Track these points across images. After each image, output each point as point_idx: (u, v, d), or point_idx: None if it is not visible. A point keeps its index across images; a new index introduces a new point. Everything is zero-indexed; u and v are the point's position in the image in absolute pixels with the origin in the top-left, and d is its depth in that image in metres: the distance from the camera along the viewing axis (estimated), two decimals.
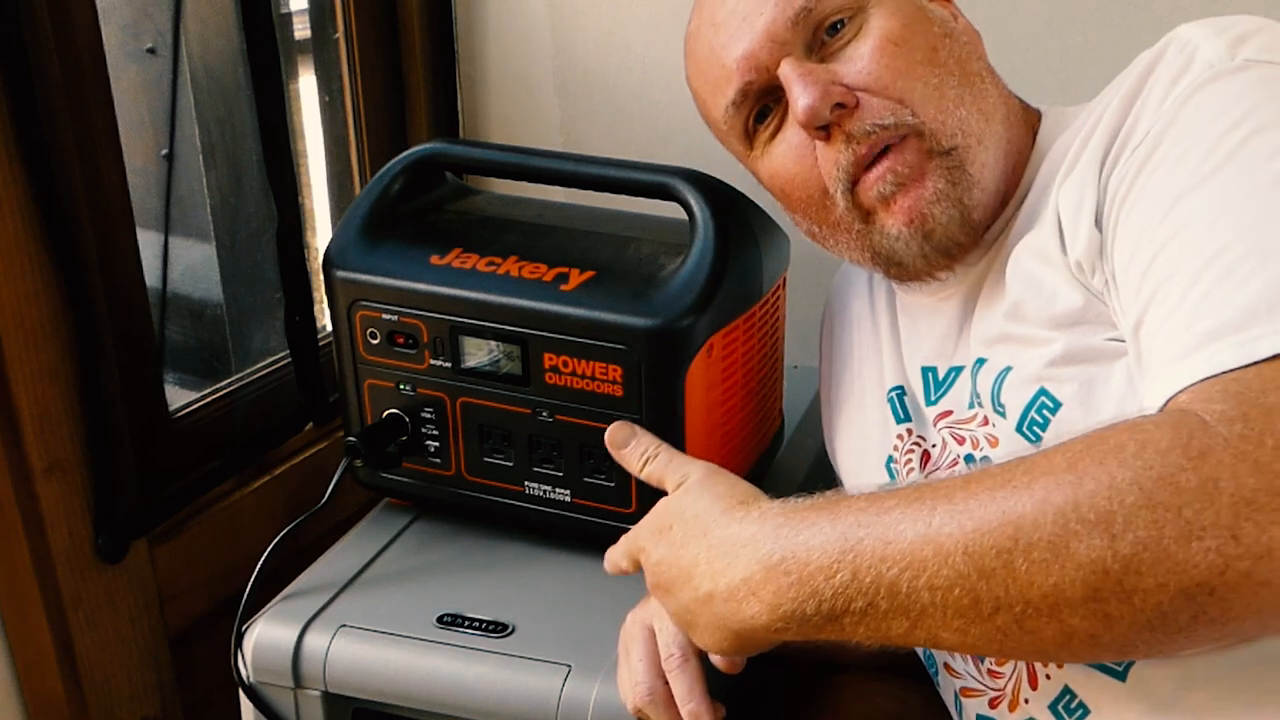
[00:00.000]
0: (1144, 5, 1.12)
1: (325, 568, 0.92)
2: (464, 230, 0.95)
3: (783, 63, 0.75)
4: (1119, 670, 0.64)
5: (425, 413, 0.92)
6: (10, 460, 0.87)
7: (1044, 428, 0.68)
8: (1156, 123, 0.64)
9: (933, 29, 0.75)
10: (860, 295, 0.92)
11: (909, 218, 0.74)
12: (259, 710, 0.85)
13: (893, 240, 0.75)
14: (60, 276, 0.89)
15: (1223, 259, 0.56)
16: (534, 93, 1.35)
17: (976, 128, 0.74)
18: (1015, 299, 0.72)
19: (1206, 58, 0.64)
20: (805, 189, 0.78)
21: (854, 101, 0.73)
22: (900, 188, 0.74)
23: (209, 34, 1.19)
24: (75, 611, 0.93)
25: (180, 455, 1.05)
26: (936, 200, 0.74)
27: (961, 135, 0.74)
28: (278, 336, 1.18)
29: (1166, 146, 0.62)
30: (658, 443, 0.78)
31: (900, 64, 0.73)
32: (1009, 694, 0.72)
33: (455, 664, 0.81)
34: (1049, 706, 0.69)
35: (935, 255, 0.76)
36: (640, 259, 0.89)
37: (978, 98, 0.75)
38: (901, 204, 0.74)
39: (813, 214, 0.79)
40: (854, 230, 0.77)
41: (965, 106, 0.74)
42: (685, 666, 0.71)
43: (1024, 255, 0.72)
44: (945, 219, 0.74)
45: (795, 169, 0.77)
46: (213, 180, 1.21)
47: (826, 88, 0.73)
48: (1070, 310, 0.68)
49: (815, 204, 0.78)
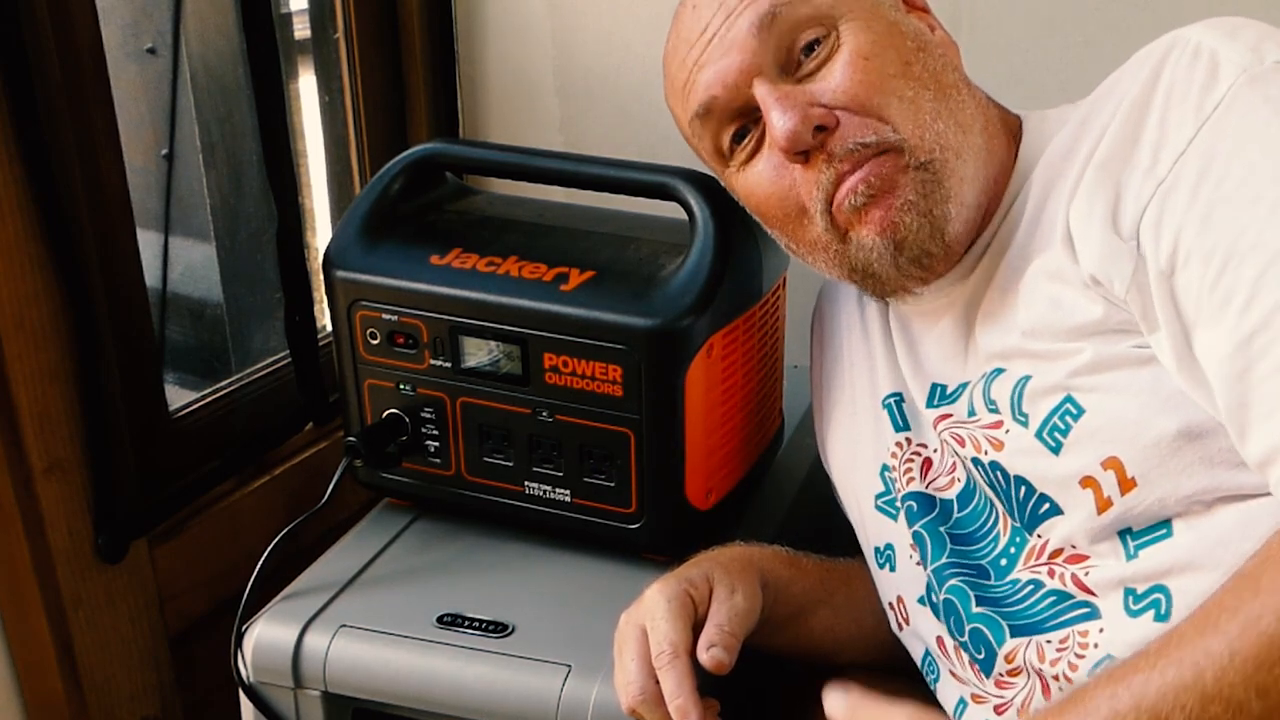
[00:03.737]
0: (1144, 4, 1.12)
1: (325, 568, 0.92)
2: (464, 230, 0.95)
3: (756, 83, 0.74)
4: None
5: (425, 413, 0.92)
6: (10, 460, 0.87)
7: (1065, 433, 0.68)
8: (1202, 131, 0.63)
9: (906, 43, 0.74)
10: (849, 299, 0.91)
11: (880, 227, 0.73)
12: (259, 710, 0.85)
13: (866, 251, 0.74)
14: (60, 276, 0.89)
15: None
16: (534, 93, 1.35)
17: (954, 141, 0.73)
18: (1034, 323, 0.71)
19: (1234, 60, 0.63)
20: (783, 208, 0.77)
21: (834, 122, 0.72)
22: (872, 199, 0.73)
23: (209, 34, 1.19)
24: (75, 611, 0.93)
25: (180, 455, 1.05)
26: (906, 210, 0.73)
27: (939, 150, 0.73)
28: (278, 336, 1.18)
29: (1225, 157, 0.62)
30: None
31: (875, 79, 0.72)
32: (1017, 705, 0.72)
33: (455, 664, 0.81)
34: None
35: (908, 266, 0.75)
36: (640, 259, 0.89)
37: (954, 110, 0.74)
38: (873, 214, 0.73)
39: (789, 232, 0.79)
40: (831, 250, 0.77)
41: (942, 120, 0.73)
42: (674, 664, 0.71)
43: (1038, 279, 0.71)
44: (915, 227, 0.73)
45: (772, 189, 0.76)
46: (213, 180, 1.21)
47: (805, 111, 0.72)
48: (1090, 321, 0.67)
49: (792, 223, 0.77)
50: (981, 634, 0.74)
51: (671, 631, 0.72)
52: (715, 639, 0.73)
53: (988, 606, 0.74)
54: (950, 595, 0.77)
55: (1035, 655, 0.70)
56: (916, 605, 0.80)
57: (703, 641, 0.73)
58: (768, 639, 0.83)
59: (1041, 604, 0.70)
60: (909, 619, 0.82)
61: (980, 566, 0.75)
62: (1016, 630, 0.72)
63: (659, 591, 0.76)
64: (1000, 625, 0.73)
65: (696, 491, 0.89)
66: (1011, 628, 0.72)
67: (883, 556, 0.84)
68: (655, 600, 0.75)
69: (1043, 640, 0.70)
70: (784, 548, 0.86)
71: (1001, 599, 0.73)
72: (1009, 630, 0.72)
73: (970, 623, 0.75)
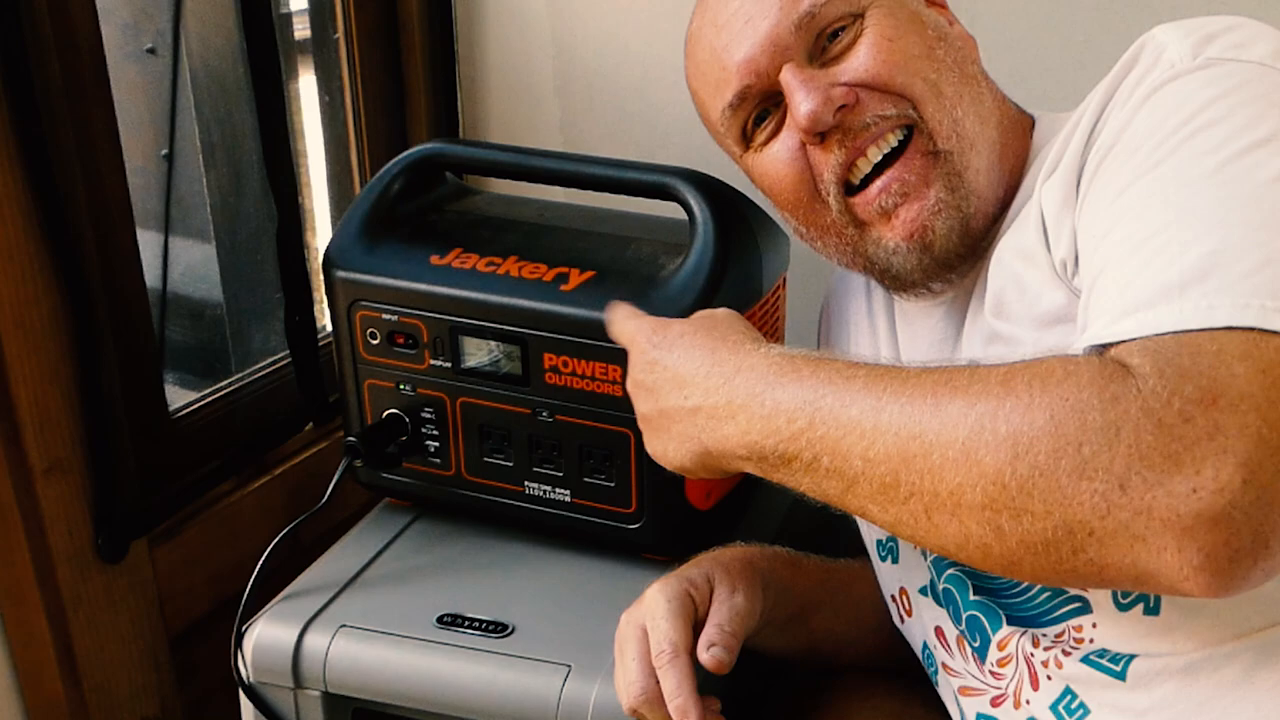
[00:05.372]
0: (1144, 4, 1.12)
1: (325, 568, 0.92)
2: (464, 230, 0.95)
3: (784, 69, 0.75)
4: (1118, 671, 0.65)
5: (425, 413, 0.92)
6: (10, 460, 0.87)
7: None
8: (1119, 124, 0.64)
9: (928, 31, 0.76)
10: (857, 295, 0.92)
11: (909, 231, 0.74)
12: (259, 710, 0.85)
13: (889, 254, 0.76)
14: (60, 277, 0.89)
15: (1150, 244, 0.57)
16: (534, 93, 1.35)
17: (971, 131, 0.74)
18: (997, 293, 0.72)
19: (1169, 59, 0.64)
20: (796, 191, 0.78)
21: (854, 99, 0.74)
22: (904, 198, 0.74)
23: (209, 34, 1.19)
24: (75, 611, 0.93)
25: (180, 455, 1.05)
26: (938, 211, 0.74)
27: (957, 138, 0.74)
28: (278, 336, 1.18)
29: (1120, 146, 0.64)
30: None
31: (898, 59, 0.74)
32: (1011, 694, 0.72)
33: (455, 664, 0.81)
34: (1050, 707, 0.69)
35: (934, 268, 0.76)
36: (640, 259, 0.89)
37: (975, 100, 0.76)
38: (904, 217, 0.74)
39: (802, 216, 0.80)
40: (845, 235, 0.78)
41: (962, 106, 0.74)
42: (675, 663, 0.72)
43: (1007, 254, 0.72)
44: (945, 230, 0.74)
45: (787, 171, 0.77)
46: (213, 180, 1.21)
47: (828, 93, 0.73)
48: (1053, 309, 0.68)
49: (805, 207, 0.78)
50: (978, 621, 0.75)
51: (672, 631, 0.73)
52: (716, 639, 0.74)
53: (985, 595, 0.74)
54: (949, 585, 0.77)
55: (1029, 643, 0.71)
56: (919, 596, 0.81)
57: (703, 641, 0.74)
58: (768, 640, 0.83)
59: (1039, 599, 0.70)
60: (911, 610, 0.82)
61: None
62: (1014, 620, 0.72)
63: (659, 591, 0.76)
64: (997, 613, 0.73)
65: (696, 491, 0.89)
66: (1009, 618, 0.72)
67: (884, 549, 0.84)
68: (656, 600, 0.75)
69: (1039, 633, 0.70)
70: (785, 549, 0.87)
71: (999, 589, 0.73)
72: (1005, 619, 0.73)
73: (967, 610, 0.75)
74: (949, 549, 0.58)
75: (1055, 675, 0.69)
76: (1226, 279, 0.53)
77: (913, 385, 0.59)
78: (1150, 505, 0.50)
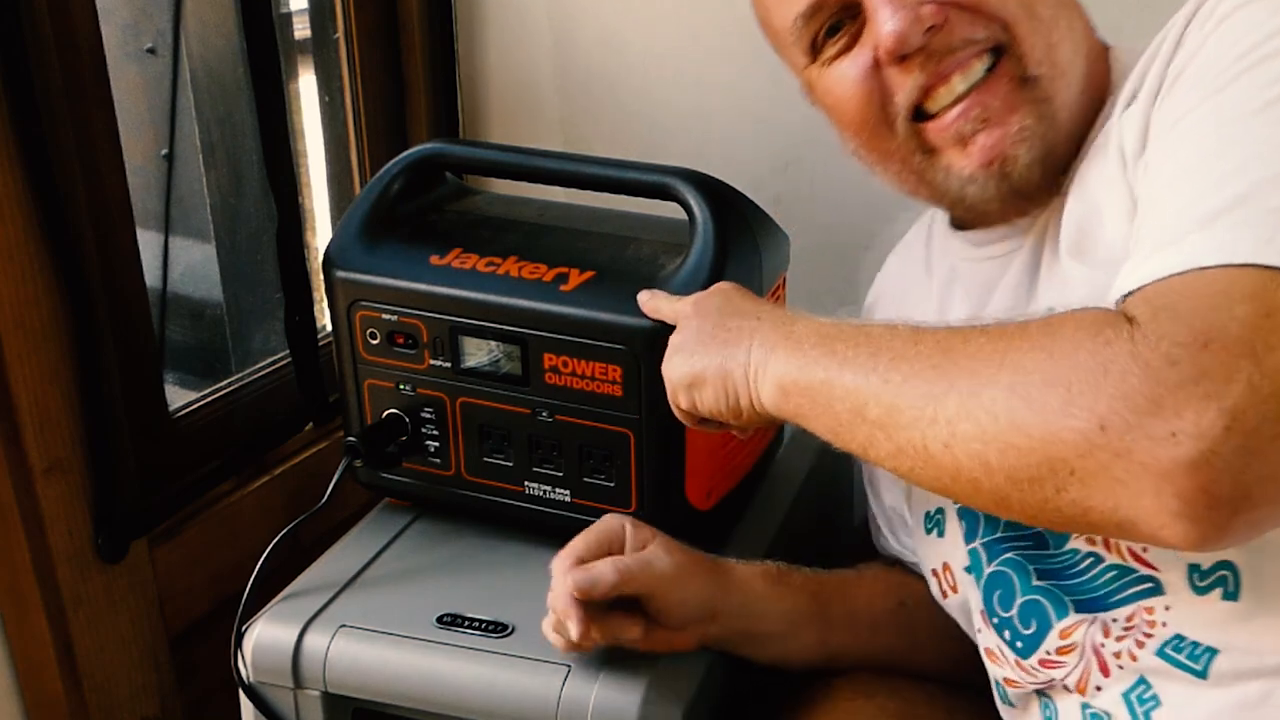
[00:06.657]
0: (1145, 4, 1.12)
1: (325, 568, 0.92)
2: (464, 230, 0.95)
3: None
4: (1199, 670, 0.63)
5: (425, 413, 0.92)
6: (10, 460, 0.87)
7: None
8: (1194, 46, 0.62)
9: None
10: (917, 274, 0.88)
11: (987, 158, 0.70)
12: (259, 710, 0.85)
13: (963, 182, 0.71)
14: (60, 277, 0.89)
15: (1188, 179, 0.57)
16: (534, 93, 1.35)
17: (1064, 60, 0.70)
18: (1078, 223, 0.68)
19: None
20: (863, 114, 0.73)
21: (944, 19, 0.68)
22: (985, 124, 0.69)
23: (209, 34, 1.19)
24: (75, 611, 0.93)
25: (180, 455, 1.05)
26: (1022, 138, 0.69)
27: (1049, 65, 0.69)
28: (278, 336, 1.18)
29: (1189, 70, 0.61)
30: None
31: None
32: (1060, 685, 0.71)
33: (455, 664, 0.81)
34: (1123, 695, 0.67)
35: (1011, 198, 0.71)
36: (640, 259, 0.89)
37: (1070, 26, 0.71)
38: (983, 143, 0.70)
39: (865, 139, 0.75)
40: (910, 162, 0.74)
41: (1058, 31, 0.70)
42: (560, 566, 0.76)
43: (1090, 182, 0.68)
44: (1028, 159, 0.69)
45: (856, 91, 0.73)
46: (213, 180, 1.21)
47: (916, 11, 0.68)
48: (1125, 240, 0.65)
49: (870, 130, 0.74)
50: (1039, 607, 0.71)
51: (579, 543, 0.78)
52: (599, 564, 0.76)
53: (1049, 579, 0.71)
54: (1004, 568, 0.74)
55: (1100, 632, 0.68)
56: (964, 574, 0.79)
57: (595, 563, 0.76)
58: (754, 652, 0.83)
59: (1103, 578, 0.67)
60: (956, 586, 0.80)
61: (1037, 535, 0.72)
62: (1081, 606, 0.69)
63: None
64: (1063, 600, 0.70)
65: (696, 491, 0.89)
66: (1075, 603, 0.69)
67: (931, 521, 0.82)
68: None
69: (1108, 618, 0.67)
70: (776, 563, 0.86)
71: (1061, 570, 0.70)
72: (1072, 606, 0.69)
73: (1024, 595, 0.72)
74: (944, 482, 0.58)
75: (1130, 665, 0.66)
76: (1255, 213, 0.53)
77: (940, 336, 0.60)
78: (1129, 448, 0.50)
